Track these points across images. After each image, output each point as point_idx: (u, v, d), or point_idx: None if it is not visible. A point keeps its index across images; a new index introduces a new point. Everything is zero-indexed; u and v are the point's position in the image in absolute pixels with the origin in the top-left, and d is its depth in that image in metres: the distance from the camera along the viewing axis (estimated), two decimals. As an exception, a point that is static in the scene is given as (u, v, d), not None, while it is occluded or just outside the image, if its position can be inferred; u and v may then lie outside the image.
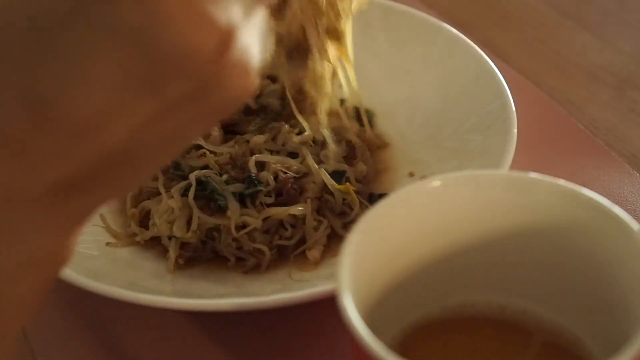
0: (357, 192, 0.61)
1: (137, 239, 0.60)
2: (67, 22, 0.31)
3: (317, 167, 0.60)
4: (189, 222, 0.58)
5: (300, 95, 0.57)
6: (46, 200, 0.33)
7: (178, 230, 0.58)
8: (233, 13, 0.33)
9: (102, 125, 0.32)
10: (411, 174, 0.64)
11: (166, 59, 0.32)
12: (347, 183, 0.60)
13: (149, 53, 0.31)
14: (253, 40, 0.35)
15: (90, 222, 0.63)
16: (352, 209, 0.60)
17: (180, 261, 0.58)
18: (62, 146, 0.32)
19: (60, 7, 0.32)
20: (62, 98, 0.31)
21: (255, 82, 0.35)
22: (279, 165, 0.60)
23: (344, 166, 0.62)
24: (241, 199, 0.58)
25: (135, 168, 0.34)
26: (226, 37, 0.33)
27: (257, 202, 0.59)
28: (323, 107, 0.58)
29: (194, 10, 0.32)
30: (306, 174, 0.60)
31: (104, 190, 0.34)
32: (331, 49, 0.57)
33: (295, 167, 0.60)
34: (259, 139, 0.62)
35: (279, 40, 0.55)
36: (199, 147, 0.61)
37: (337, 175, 0.61)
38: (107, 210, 0.62)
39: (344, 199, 0.60)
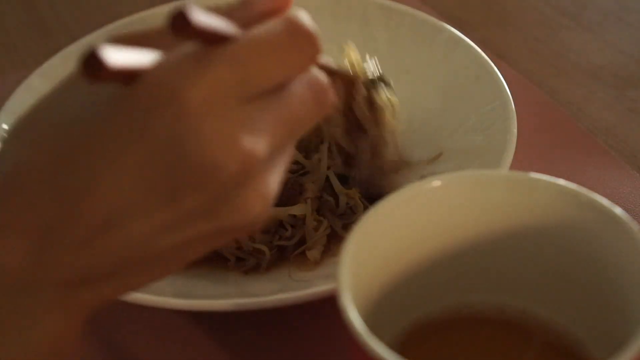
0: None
1: (137, 239, 0.60)
2: (104, 124, 0.34)
3: (327, 168, 0.60)
4: (189, 222, 0.58)
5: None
6: (61, 289, 0.35)
7: (178, 230, 0.58)
8: (262, 144, 0.35)
9: (120, 224, 0.34)
10: (411, 174, 0.64)
11: (188, 172, 0.34)
12: (353, 188, 0.60)
13: (174, 165, 0.34)
14: (276, 176, 0.37)
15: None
16: (353, 211, 0.60)
17: (180, 261, 0.58)
18: (82, 239, 0.34)
19: (100, 110, 0.34)
20: (88, 193, 0.33)
21: (268, 212, 0.37)
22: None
23: (348, 170, 0.62)
24: (241, 199, 0.58)
25: (146, 270, 0.36)
26: (249, 165, 0.35)
27: (257, 202, 0.58)
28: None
29: (225, 133, 0.34)
30: (306, 172, 0.60)
31: (115, 285, 0.36)
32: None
33: (298, 162, 0.60)
34: None
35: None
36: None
37: (342, 179, 0.60)
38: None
39: (347, 202, 0.60)
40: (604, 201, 0.41)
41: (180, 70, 0.34)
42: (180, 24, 0.32)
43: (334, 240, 0.59)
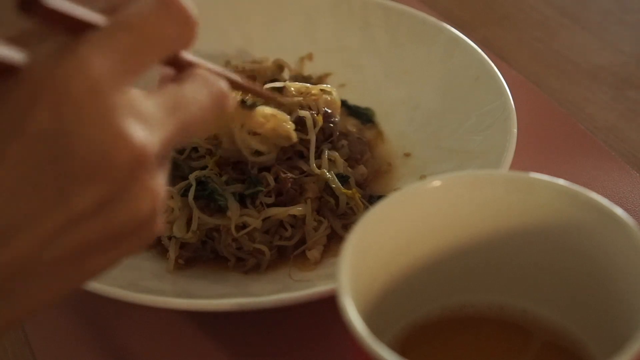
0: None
1: (137, 239, 0.60)
2: None
3: (327, 169, 0.60)
4: (189, 223, 0.58)
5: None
6: None
7: (178, 231, 0.58)
8: (152, 136, 0.33)
9: (9, 236, 0.31)
10: (411, 174, 0.64)
11: (75, 165, 0.31)
12: (353, 188, 0.60)
13: (59, 159, 0.31)
14: (163, 175, 0.35)
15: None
16: (353, 212, 0.60)
17: (180, 261, 0.58)
18: None
19: None
20: None
21: (160, 221, 0.35)
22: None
23: (348, 170, 0.62)
24: (241, 199, 0.58)
25: (41, 287, 0.33)
26: (140, 156, 0.33)
27: (257, 202, 0.59)
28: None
29: (110, 122, 0.32)
30: (307, 174, 0.60)
31: (4, 311, 0.33)
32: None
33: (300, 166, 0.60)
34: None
35: None
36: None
37: (341, 179, 0.61)
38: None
39: (347, 203, 0.60)
40: (604, 201, 0.41)
41: (54, 63, 0.32)
42: (27, 3, 0.31)
43: (334, 240, 0.59)
